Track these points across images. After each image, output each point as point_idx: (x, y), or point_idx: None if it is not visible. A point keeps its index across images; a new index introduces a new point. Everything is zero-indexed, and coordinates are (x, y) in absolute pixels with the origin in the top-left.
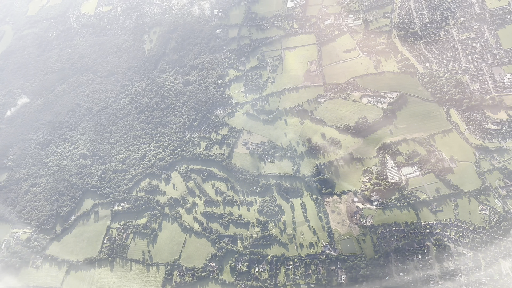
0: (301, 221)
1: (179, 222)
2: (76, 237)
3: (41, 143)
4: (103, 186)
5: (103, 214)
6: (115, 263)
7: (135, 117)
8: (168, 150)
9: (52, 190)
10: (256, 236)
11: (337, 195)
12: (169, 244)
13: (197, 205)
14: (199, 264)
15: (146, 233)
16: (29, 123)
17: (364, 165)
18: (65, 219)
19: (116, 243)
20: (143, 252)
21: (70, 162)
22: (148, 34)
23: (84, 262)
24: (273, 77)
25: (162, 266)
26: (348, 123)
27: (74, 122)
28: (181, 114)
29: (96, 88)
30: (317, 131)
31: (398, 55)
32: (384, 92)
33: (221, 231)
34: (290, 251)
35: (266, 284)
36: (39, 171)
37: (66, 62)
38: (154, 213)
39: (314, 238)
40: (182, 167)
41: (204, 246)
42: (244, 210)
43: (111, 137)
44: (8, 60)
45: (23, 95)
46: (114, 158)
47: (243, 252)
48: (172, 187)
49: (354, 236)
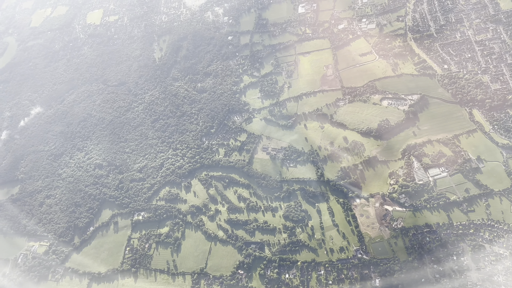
0: (329, 225)
1: (202, 230)
2: (96, 248)
3: (53, 154)
4: (121, 196)
5: (123, 224)
6: (138, 273)
7: (150, 125)
8: (186, 158)
9: (68, 201)
10: (284, 242)
11: (364, 199)
12: (194, 253)
13: (220, 212)
14: (226, 272)
15: (169, 242)
16: (40, 135)
17: (389, 167)
18: (83, 230)
19: (139, 253)
20: (167, 262)
21: (85, 173)
22: (158, 43)
23: (107, 274)
24: (289, 82)
25: (188, 275)
26: (370, 126)
27: (86, 132)
28: (197, 122)
29: (108, 97)
30: (338, 135)
31: (415, 57)
32: (404, 94)
33: (247, 238)
34: (321, 256)
35: None
36: (53, 182)
37: (74, 72)
38: (176, 221)
39: (344, 242)
40: (202, 175)
41: (231, 254)
42: (269, 216)
43: (127, 146)
44: (14, 72)
45: (36, 105)
46: (131, 167)
47: (272, 259)
48: (193, 194)
49: (385, 239)
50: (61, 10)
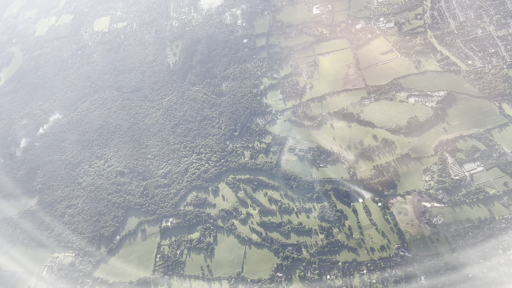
0: (367, 224)
1: (235, 234)
2: (125, 257)
3: (71, 163)
4: (147, 202)
5: (151, 232)
6: (172, 281)
7: (170, 131)
8: (211, 162)
9: (91, 210)
10: (321, 243)
11: (401, 196)
12: (228, 257)
13: (252, 215)
14: (265, 276)
15: (202, 247)
16: (55, 144)
17: (423, 164)
18: (109, 239)
19: (171, 260)
20: (202, 268)
21: (107, 181)
22: (171, 48)
23: (138, 283)
24: (311, 83)
25: (225, 280)
26: (398, 123)
27: (104, 140)
28: (219, 125)
29: (123, 104)
30: (367, 133)
31: (438, 54)
32: (430, 91)
33: (283, 240)
34: (361, 256)
35: None
36: (73, 192)
37: (85, 80)
38: (207, 226)
39: (385, 241)
40: (229, 178)
41: (267, 257)
42: (304, 217)
43: (148, 152)
44: (22, 81)
45: (55, 111)
46: (154, 174)
47: (311, 260)
48: (222, 198)
49: (426, 236)
50: (66, 19)
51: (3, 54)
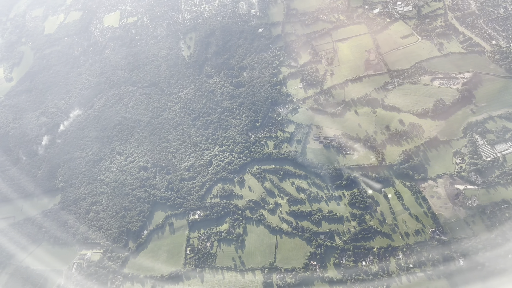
0: (400, 209)
1: (265, 224)
2: (154, 251)
3: (92, 160)
4: (173, 196)
5: (178, 225)
6: (204, 273)
7: (191, 124)
8: (235, 153)
9: (116, 206)
10: (354, 230)
11: (432, 180)
12: (259, 248)
13: (280, 205)
14: (299, 264)
15: (232, 239)
16: (74, 142)
17: (452, 146)
18: (137, 234)
19: (201, 253)
20: (233, 259)
21: (130, 176)
22: (184, 41)
23: (170, 276)
24: (331, 70)
25: (258, 270)
26: (424, 107)
27: (124, 136)
28: (240, 116)
29: (140, 99)
30: (393, 118)
31: (460, 36)
32: (455, 73)
33: (314, 229)
34: (396, 241)
35: (379, 276)
36: (96, 188)
37: (99, 76)
38: (235, 217)
39: (419, 225)
40: (254, 169)
41: (299, 246)
42: (334, 205)
43: (170, 146)
44: (35, 80)
45: (74, 108)
46: (178, 167)
47: (345, 247)
48: (248, 189)
49: (461, 219)
50: (75, 16)
51: (13, 54)
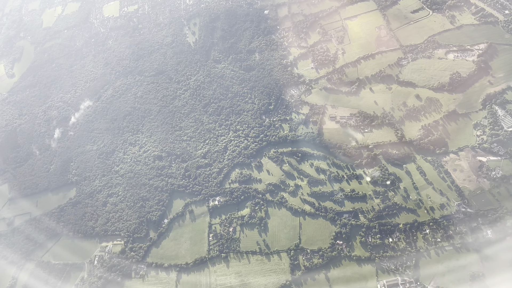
0: (423, 184)
1: (287, 206)
2: (176, 239)
3: (104, 152)
4: (191, 184)
5: (199, 212)
6: (229, 258)
7: (202, 110)
8: (250, 138)
9: (133, 197)
10: (378, 208)
11: (453, 153)
12: (283, 230)
13: (301, 187)
14: (324, 245)
15: (254, 223)
16: (84, 135)
17: (472, 119)
18: (157, 224)
19: (224, 238)
20: (257, 242)
21: (145, 166)
22: (188, 27)
23: (195, 263)
24: (342, 49)
25: (284, 253)
26: (440, 81)
27: (135, 126)
28: (253, 101)
29: (148, 88)
30: (409, 94)
31: (472, 7)
32: (469, 45)
33: (337, 209)
34: (422, 216)
35: (407, 252)
36: (111, 180)
37: (104, 67)
38: (256, 202)
39: (444, 199)
40: (271, 152)
41: (324, 226)
42: (356, 184)
43: (183, 134)
44: (38, 75)
45: (85, 99)
46: (193, 155)
47: (370, 225)
48: (267, 173)
49: (486, 190)
50: (73, 7)
51: (12, 49)
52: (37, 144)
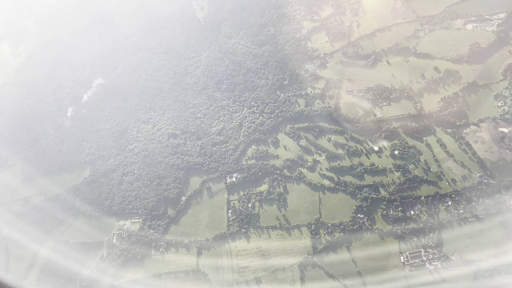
0: (444, 157)
1: (305, 181)
2: (195, 216)
3: (117, 131)
4: (207, 161)
5: (216, 189)
6: (249, 233)
7: (215, 87)
8: (265, 114)
9: (149, 175)
10: (399, 181)
11: (474, 125)
12: (303, 205)
13: (319, 162)
14: (345, 219)
15: (273, 198)
16: (95, 114)
17: (492, 90)
18: (175, 201)
19: (243, 214)
20: (277, 218)
21: (160, 144)
22: (197, 1)
23: (215, 239)
24: (357, 21)
25: (304, 227)
26: (459, 52)
27: (147, 104)
28: (266, 76)
29: (159, 65)
30: (427, 66)
31: None
32: (488, 15)
33: (357, 183)
34: (443, 188)
35: (429, 224)
36: (126, 159)
37: (112, 45)
38: (274, 177)
39: (465, 171)
40: (287, 128)
41: (344, 200)
42: (375, 158)
43: (197, 111)
44: (45, 55)
45: (96, 77)
46: (208, 132)
47: (391, 198)
48: (284, 149)
49: (509, 161)
50: None
51: (16, 28)
52: (50, 123)
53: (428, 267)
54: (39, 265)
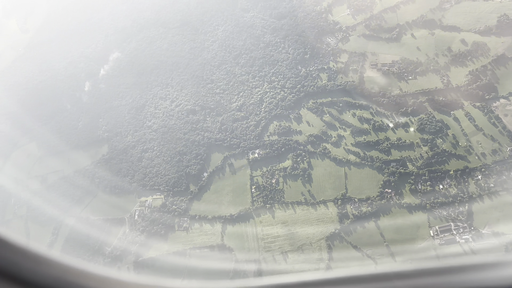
0: (473, 131)
1: (330, 157)
2: (217, 192)
3: (134, 108)
4: (228, 137)
5: (238, 165)
6: (274, 209)
7: (234, 62)
8: (286, 89)
9: (170, 151)
10: (427, 155)
11: (504, 98)
12: (328, 180)
13: (344, 137)
14: (373, 193)
15: (298, 174)
16: (110, 90)
17: None
18: (197, 177)
19: (268, 190)
20: (302, 193)
21: (179, 121)
22: None
23: (239, 215)
24: None
25: (330, 202)
26: (487, 24)
27: (164, 79)
28: (287, 50)
29: (174, 40)
30: (454, 39)
31: None
32: None
33: (384, 157)
34: (473, 162)
35: (459, 198)
36: (145, 136)
37: (125, 20)
38: (298, 153)
39: (495, 144)
40: (310, 103)
41: (370, 175)
42: (402, 132)
43: (216, 87)
44: (55, 30)
45: (113, 50)
46: (228, 108)
47: (420, 173)
48: (307, 124)
49: None
50: None
51: (23, 2)
52: (68, 99)
53: (459, 241)
54: (60, 241)
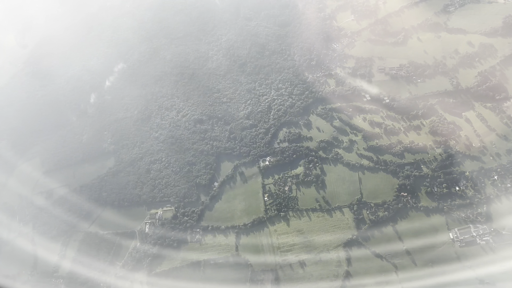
0: (485, 131)
1: (343, 162)
2: (229, 202)
3: (139, 119)
4: (237, 146)
5: (250, 173)
6: (288, 216)
7: (239, 70)
8: (294, 96)
9: (178, 162)
10: (441, 157)
11: None
12: (342, 186)
13: (356, 142)
14: (388, 198)
15: (311, 180)
16: (114, 102)
17: None
18: (208, 187)
19: (281, 198)
20: (317, 200)
21: (186, 131)
22: None
23: (253, 224)
24: None
25: (346, 208)
26: (493, 25)
27: (169, 90)
28: (292, 57)
29: (177, 51)
30: (460, 41)
31: None
32: None
33: (397, 161)
34: (488, 163)
35: (476, 199)
36: (152, 147)
37: (126, 32)
38: (309, 159)
39: (509, 144)
40: (318, 109)
41: (385, 179)
42: (414, 135)
43: (222, 96)
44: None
45: (118, 61)
46: (236, 116)
47: (435, 175)
48: (317, 130)
49: None
50: None
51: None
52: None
53: (480, 243)
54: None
